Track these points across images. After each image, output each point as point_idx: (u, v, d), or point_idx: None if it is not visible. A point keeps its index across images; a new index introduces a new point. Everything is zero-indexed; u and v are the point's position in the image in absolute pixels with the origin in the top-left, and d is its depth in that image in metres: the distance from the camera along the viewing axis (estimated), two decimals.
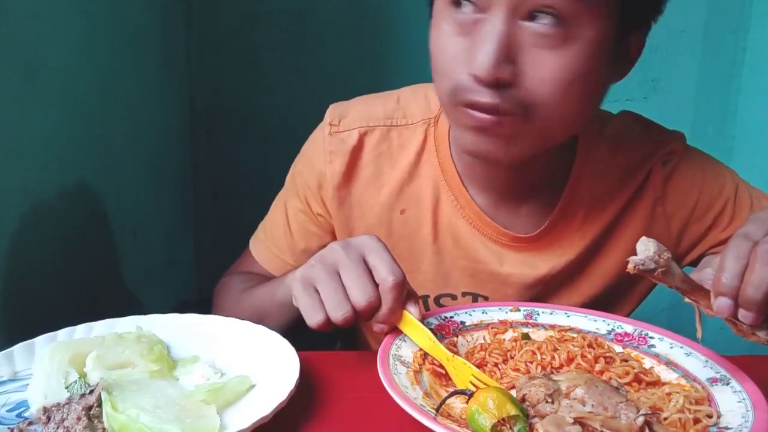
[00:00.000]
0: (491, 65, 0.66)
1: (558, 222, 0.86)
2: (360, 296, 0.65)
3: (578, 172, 0.86)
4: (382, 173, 0.89)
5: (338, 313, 0.65)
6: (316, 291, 0.67)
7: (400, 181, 0.88)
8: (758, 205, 0.88)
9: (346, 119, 0.89)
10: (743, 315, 0.56)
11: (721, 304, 0.57)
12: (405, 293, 0.68)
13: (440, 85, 0.75)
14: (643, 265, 0.59)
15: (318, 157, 0.89)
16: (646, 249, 0.59)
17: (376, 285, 0.66)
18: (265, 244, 0.96)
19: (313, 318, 0.67)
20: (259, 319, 0.77)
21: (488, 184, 0.86)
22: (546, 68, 0.68)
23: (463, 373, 0.64)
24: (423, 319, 0.69)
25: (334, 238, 0.91)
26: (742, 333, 0.59)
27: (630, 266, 0.59)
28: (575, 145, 0.86)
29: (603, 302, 0.88)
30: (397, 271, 0.66)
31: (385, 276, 0.65)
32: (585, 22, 0.68)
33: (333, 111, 0.91)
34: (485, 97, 0.69)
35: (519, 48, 0.68)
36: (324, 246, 0.72)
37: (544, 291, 0.88)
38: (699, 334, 0.62)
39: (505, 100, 0.69)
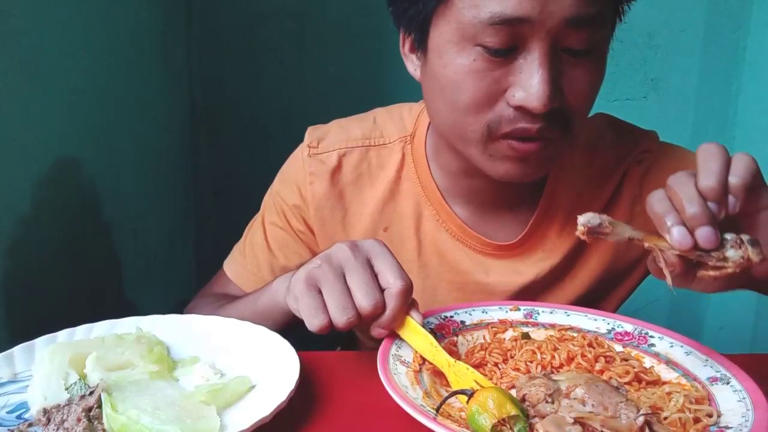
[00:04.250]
0: (549, 97, 0.68)
1: (538, 227, 0.88)
2: (365, 301, 0.63)
3: (555, 177, 0.87)
4: (363, 193, 0.90)
5: (342, 316, 0.63)
6: (319, 292, 0.65)
7: (381, 200, 0.89)
8: None
9: (325, 141, 0.90)
10: (700, 236, 0.54)
11: (677, 232, 0.55)
12: (410, 299, 0.67)
13: (466, 123, 0.73)
14: (589, 222, 0.60)
15: (299, 177, 0.90)
16: (584, 216, 0.61)
17: (381, 290, 0.65)
18: (242, 264, 0.96)
19: (314, 320, 0.64)
20: None
21: (470, 197, 0.87)
22: (581, 83, 0.72)
23: (464, 379, 0.63)
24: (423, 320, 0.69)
25: (314, 255, 0.91)
26: (715, 270, 0.56)
27: (579, 229, 0.60)
28: None
29: (589, 300, 0.89)
30: (405, 276, 0.65)
31: (393, 281, 0.64)
32: (604, 38, 0.73)
33: (311, 133, 0.92)
34: (534, 123, 0.70)
35: (560, 74, 0.70)
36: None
37: (531, 296, 0.88)
38: (669, 281, 0.58)
39: (552, 121, 0.71)
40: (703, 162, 0.57)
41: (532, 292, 0.88)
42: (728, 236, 0.55)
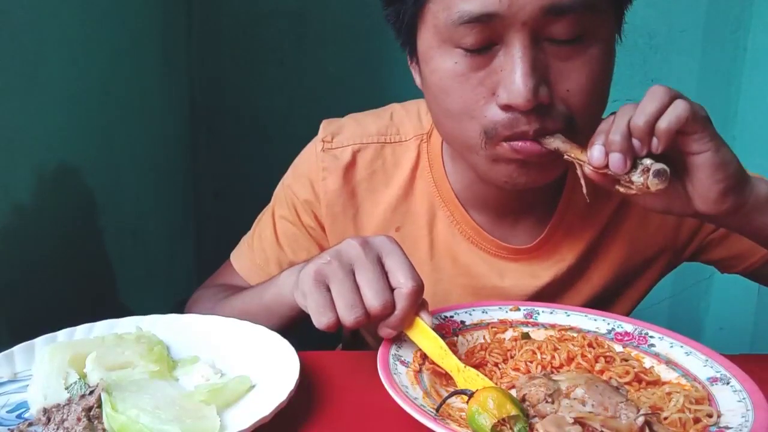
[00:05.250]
0: (530, 91, 0.65)
1: (556, 231, 0.86)
2: (375, 300, 0.62)
3: (573, 178, 0.85)
4: (376, 191, 0.88)
5: (350, 315, 0.62)
6: (328, 289, 0.64)
7: (395, 199, 0.88)
8: None
9: (339, 136, 0.89)
10: (610, 160, 0.62)
11: (595, 150, 0.63)
12: (420, 300, 0.65)
13: (463, 129, 0.72)
14: None
15: (312, 172, 0.89)
16: None
17: (391, 288, 0.64)
18: (249, 257, 0.95)
19: (322, 318, 0.63)
20: None
21: (485, 203, 0.86)
22: (575, 78, 0.68)
23: (473, 385, 0.61)
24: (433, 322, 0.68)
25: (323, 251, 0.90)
26: (624, 188, 0.64)
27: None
28: None
29: (604, 301, 0.89)
30: (416, 277, 0.64)
31: (404, 281, 0.63)
32: (598, 25, 0.69)
33: (326, 127, 0.90)
34: (531, 124, 0.67)
35: (546, 66, 0.67)
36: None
37: (546, 299, 0.87)
38: (584, 190, 0.67)
39: (549, 119, 0.68)
40: (644, 101, 0.62)
41: (547, 295, 0.87)
42: (646, 161, 0.62)
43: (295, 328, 0.78)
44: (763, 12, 1.63)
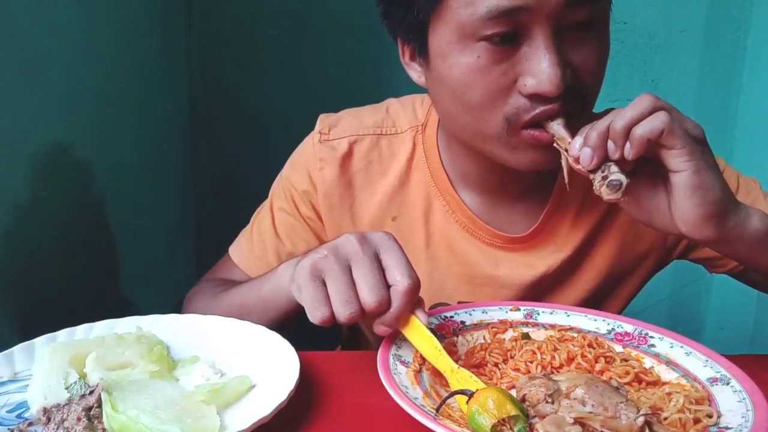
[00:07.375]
0: (560, 78, 0.68)
1: (550, 219, 0.87)
2: (370, 296, 0.61)
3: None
4: (372, 181, 0.90)
5: (345, 311, 0.62)
6: (324, 284, 0.63)
7: (391, 189, 0.89)
8: (744, 185, 0.89)
9: (336, 128, 0.90)
10: (581, 152, 0.64)
11: (576, 141, 0.66)
12: (417, 298, 0.65)
13: (483, 120, 0.73)
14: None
15: (309, 162, 0.90)
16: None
17: (388, 286, 0.63)
18: (248, 248, 0.95)
19: (316, 312, 0.63)
20: (238, 317, 0.76)
21: (484, 188, 0.87)
22: (589, 58, 0.72)
23: (467, 387, 0.61)
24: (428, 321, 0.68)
25: (322, 243, 0.91)
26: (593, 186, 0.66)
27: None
28: None
29: (598, 297, 0.90)
30: (413, 275, 0.63)
31: (400, 278, 0.62)
32: (603, 11, 0.73)
33: (323, 121, 0.92)
34: (554, 105, 0.70)
35: (566, 52, 0.70)
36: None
37: (541, 290, 0.88)
38: (566, 180, 0.71)
39: (569, 100, 0.70)
40: (628, 106, 0.63)
41: (543, 285, 0.88)
42: (613, 168, 0.64)
43: (293, 321, 0.78)
44: (763, 12, 1.63)
